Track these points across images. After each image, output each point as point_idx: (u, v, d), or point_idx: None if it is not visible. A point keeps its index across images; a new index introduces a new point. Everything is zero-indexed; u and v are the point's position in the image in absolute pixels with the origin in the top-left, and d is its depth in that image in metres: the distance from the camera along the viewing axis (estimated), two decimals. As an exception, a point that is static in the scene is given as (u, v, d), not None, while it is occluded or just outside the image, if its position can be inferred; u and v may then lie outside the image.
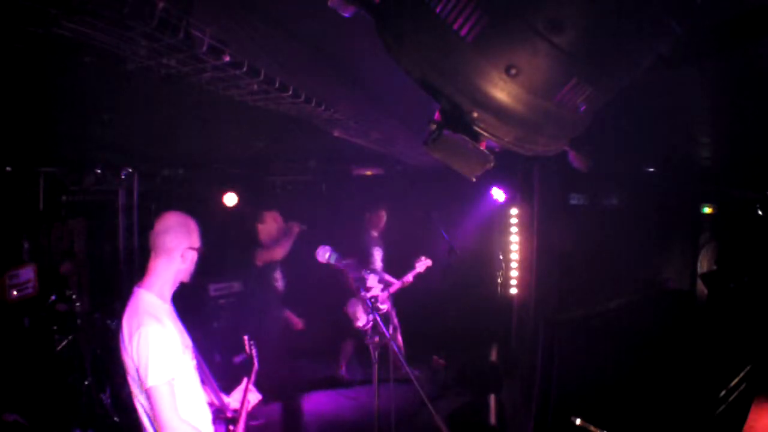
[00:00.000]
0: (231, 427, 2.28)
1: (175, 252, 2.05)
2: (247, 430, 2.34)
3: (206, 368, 2.23)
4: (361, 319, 5.22)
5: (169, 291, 2.11)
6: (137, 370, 1.87)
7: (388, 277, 5.56)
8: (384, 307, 5.37)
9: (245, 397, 2.41)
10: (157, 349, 1.86)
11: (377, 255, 5.66)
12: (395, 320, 5.55)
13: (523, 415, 3.92)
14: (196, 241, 2.13)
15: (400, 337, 5.62)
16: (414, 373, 2.33)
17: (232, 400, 2.45)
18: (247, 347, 2.52)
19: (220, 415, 2.27)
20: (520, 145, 1.37)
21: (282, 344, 5.52)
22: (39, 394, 4.37)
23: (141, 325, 1.88)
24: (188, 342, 2.16)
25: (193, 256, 2.12)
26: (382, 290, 5.41)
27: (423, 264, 5.49)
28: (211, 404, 2.25)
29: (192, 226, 2.14)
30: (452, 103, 1.28)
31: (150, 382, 1.83)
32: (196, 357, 2.20)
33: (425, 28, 1.24)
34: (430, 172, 6.61)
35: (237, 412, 2.33)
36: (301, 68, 2.54)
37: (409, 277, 5.47)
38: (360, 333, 5.25)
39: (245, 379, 2.48)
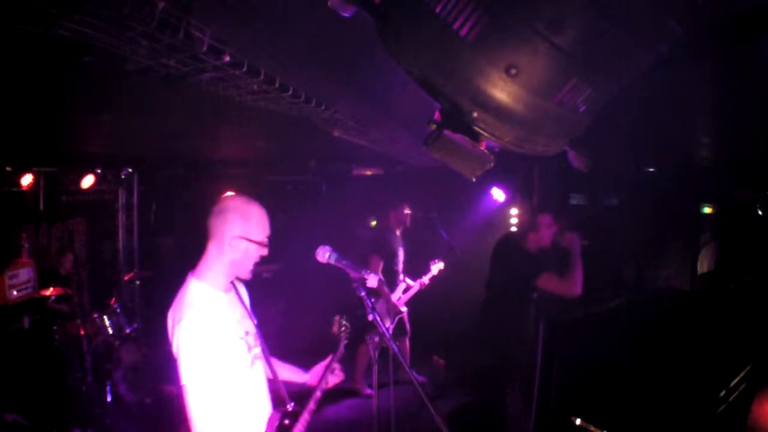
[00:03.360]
0: (286, 422, 2.07)
1: (224, 238, 1.87)
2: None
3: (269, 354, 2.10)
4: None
5: (223, 280, 1.94)
6: (177, 364, 1.76)
7: (407, 280, 5.43)
8: (404, 309, 5.31)
9: (324, 374, 2.22)
10: (196, 345, 1.74)
11: (401, 256, 5.41)
12: (407, 326, 5.48)
13: (523, 415, 3.92)
14: (254, 233, 1.91)
15: (408, 344, 5.56)
16: (418, 379, 2.31)
17: (310, 377, 2.29)
18: (336, 326, 2.30)
19: (279, 407, 2.09)
20: (520, 145, 1.37)
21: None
22: (39, 394, 4.38)
23: (182, 318, 1.76)
24: (248, 329, 2.01)
25: (247, 249, 1.90)
26: (404, 292, 5.33)
27: (437, 267, 5.43)
28: (273, 393, 2.09)
29: (252, 214, 1.93)
30: (452, 103, 1.28)
31: (185, 380, 1.73)
32: (261, 343, 2.05)
33: (425, 28, 1.24)
34: (430, 172, 6.61)
35: (296, 407, 2.12)
36: (301, 68, 2.54)
37: (426, 280, 5.37)
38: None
39: (330, 356, 2.28)
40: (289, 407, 2.11)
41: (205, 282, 1.89)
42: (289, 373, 2.31)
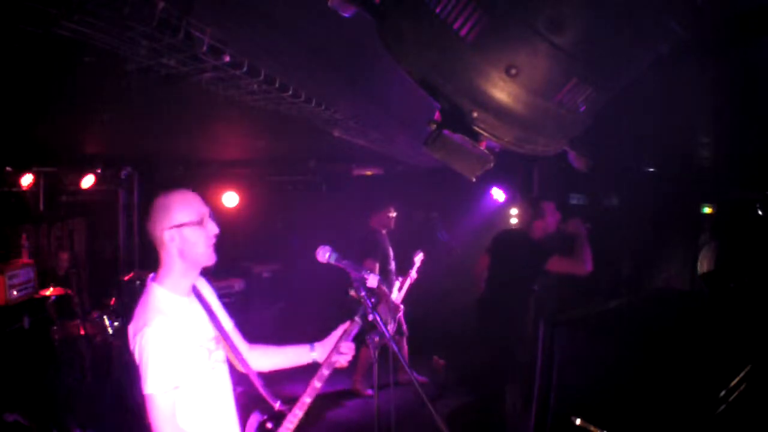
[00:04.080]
0: (269, 426, 1.99)
1: (159, 237, 1.84)
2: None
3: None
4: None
5: (184, 281, 1.91)
6: (139, 371, 1.75)
7: (399, 278, 5.43)
8: (401, 307, 5.30)
9: (333, 350, 2.05)
10: (160, 353, 1.72)
11: (392, 255, 5.42)
12: (404, 326, 5.47)
13: (523, 415, 3.92)
14: (181, 216, 1.84)
15: (405, 345, 5.56)
16: (418, 379, 2.29)
17: (318, 352, 2.15)
18: (355, 288, 1.96)
19: (263, 409, 2.03)
20: (520, 145, 1.37)
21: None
22: (39, 394, 4.38)
23: (146, 324, 1.75)
24: (210, 333, 1.97)
25: (183, 235, 1.84)
26: (399, 290, 5.33)
27: (419, 258, 5.42)
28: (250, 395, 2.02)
29: (170, 202, 1.88)
30: (452, 103, 1.28)
31: (148, 390, 1.71)
32: (229, 346, 2.00)
33: (425, 28, 1.24)
34: (430, 172, 6.61)
35: (282, 407, 2.03)
36: (301, 68, 2.54)
37: (414, 274, 5.39)
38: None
39: (342, 327, 2.07)
40: (276, 406, 2.04)
41: (165, 287, 1.87)
42: (291, 356, 2.21)
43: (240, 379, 2.14)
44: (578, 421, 2.43)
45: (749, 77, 2.26)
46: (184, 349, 1.81)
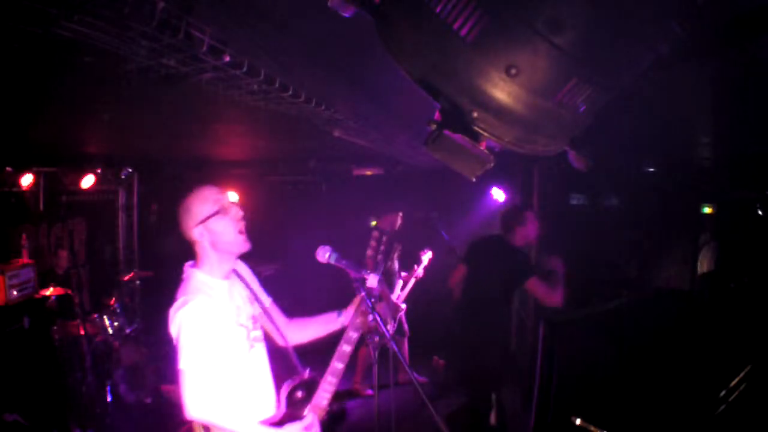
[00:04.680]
0: (298, 394, 2.02)
1: (191, 235, 1.97)
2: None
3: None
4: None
5: (222, 267, 2.00)
6: (175, 344, 1.81)
7: (404, 275, 5.43)
8: (403, 306, 5.31)
9: (356, 312, 2.12)
10: (195, 331, 1.79)
11: (396, 254, 5.44)
12: (405, 326, 5.48)
13: (523, 415, 3.92)
14: (203, 211, 1.94)
15: (406, 345, 5.56)
16: (418, 379, 2.30)
17: (345, 317, 2.21)
18: (372, 246, 2.22)
19: (294, 380, 2.06)
20: (520, 145, 1.37)
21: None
22: (39, 394, 4.38)
23: (186, 302, 1.83)
24: (250, 313, 2.06)
25: (211, 228, 1.94)
26: (402, 289, 5.34)
27: (427, 256, 5.44)
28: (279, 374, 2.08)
29: (191, 202, 1.99)
30: (452, 103, 1.28)
31: (182, 365, 1.78)
32: (270, 322, 2.12)
33: (425, 28, 1.24)
34: (430, 172, 6.61)
35: (312, 374, 2.08)
36: (302, 68, 2.54)
37: (420, 272, 5.38)
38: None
39: (363, 293, 2.01)
40: (305, 374, 2.08)
41: (203, 271, 1.98)
42: (324, 324, 2.28)
43: (273, 353, 2.19)
44: (578, 421, 2.43)
45: (749, 77, 2.26)
46: (222, 329, 1.89)
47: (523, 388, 3.98)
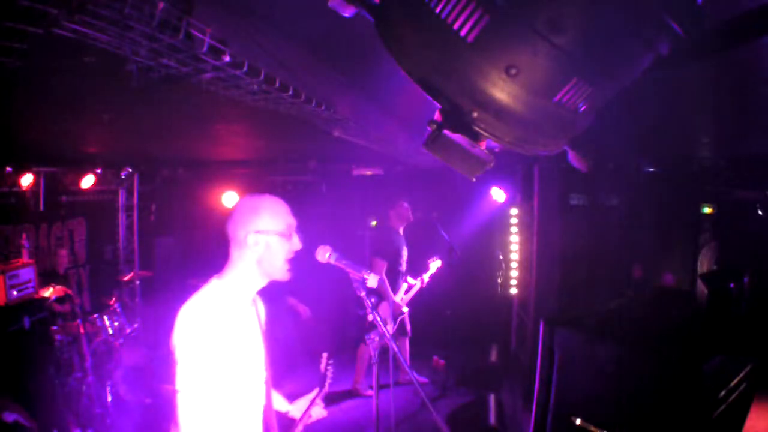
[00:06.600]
0: None
1: (240, 237, 1.77)
2: None
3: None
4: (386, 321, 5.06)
5: (251, 288, 1.84)
6: (175, 362, 1.63)
7: (409, 278, 5.40)
8: (405, 310, 5.30)
9: (309, 409, 2.24)
10: (201, 354, 1.61)
11: (405, 255, 5.40)
12: (408, 327, 5.47)
13: (523, 415, 3.92)
14: (269, 224, 1.79)
15: (408, 344, 5.54)
16: (418, 379, 2.32)
17: (294, 408, 2.26)
18: (323, 364, 2.34)
19: None
20: (520, 145, 1.37)
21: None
22: (39, 394, 4.38)
23: (197, 321, 1.64)
24: (260, 349, 1.90)
25: (267, 242, 1.78)
26: (406, 292, 5.31)
27: (435, 264, 5.41)
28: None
29: (262, 206, 1.82)
30: (452, 103, 1.28)
31: (180, 385, 1.61)
32: (270, 368, 1.95)
33: (425, 29, 1.24)
34: (430, 172, 6.61)
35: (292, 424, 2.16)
36: (302, 68, 2.54)
37: (426, 279, 5.34)
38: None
39: (317, 389, 2.29)
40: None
41: (230, 288, 1.79)
42: (280, 405, 2.25)
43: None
44: (578, 421, 2.44)
45: (749, 77, 2.26)
46: (229, 354, 1.70)
47: (523, 387, 3.98)
